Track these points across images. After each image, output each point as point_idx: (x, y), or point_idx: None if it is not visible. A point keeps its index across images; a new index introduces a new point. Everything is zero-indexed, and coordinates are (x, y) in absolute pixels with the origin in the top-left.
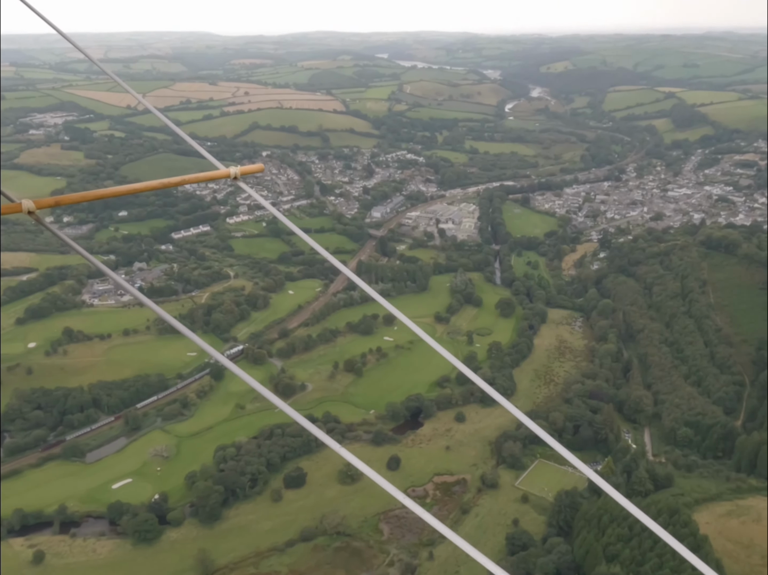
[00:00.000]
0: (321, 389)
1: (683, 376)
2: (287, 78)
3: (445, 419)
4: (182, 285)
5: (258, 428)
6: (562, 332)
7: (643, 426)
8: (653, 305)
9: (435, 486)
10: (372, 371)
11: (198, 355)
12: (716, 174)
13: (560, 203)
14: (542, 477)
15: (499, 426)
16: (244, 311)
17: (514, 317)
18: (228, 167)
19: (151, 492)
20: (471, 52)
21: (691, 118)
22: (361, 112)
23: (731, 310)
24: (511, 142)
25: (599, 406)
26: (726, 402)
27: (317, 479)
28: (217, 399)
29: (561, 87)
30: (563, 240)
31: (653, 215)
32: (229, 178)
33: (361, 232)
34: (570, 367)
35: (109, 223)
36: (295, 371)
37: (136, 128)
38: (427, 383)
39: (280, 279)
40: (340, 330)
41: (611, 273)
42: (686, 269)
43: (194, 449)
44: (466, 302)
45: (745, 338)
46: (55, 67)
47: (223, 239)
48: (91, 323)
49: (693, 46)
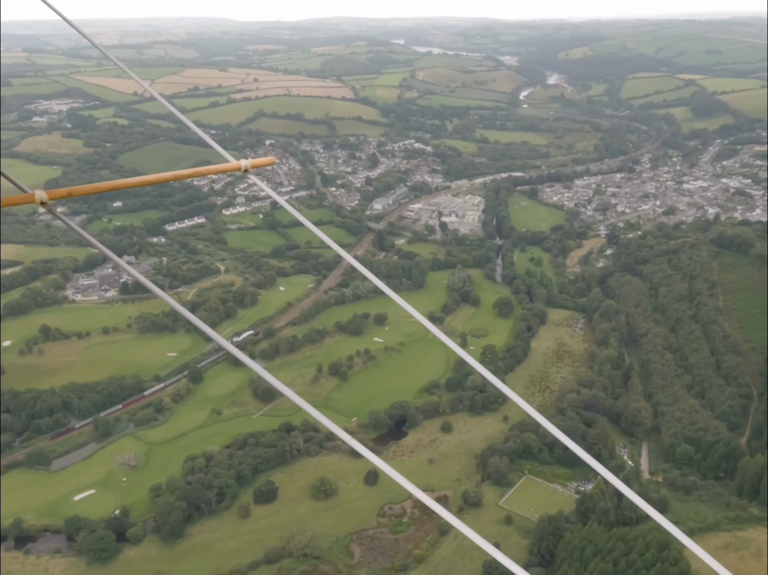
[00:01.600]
0: (303, 393)
1: (686, 386)
2: (299, 64)
3: (430, 429)
4: (169, 280)
5: (232, 437)
6: (562, 335)
7: (641, 440)
8: (659, 308)
9: (414, 504)
10: (358, 375)
11: (178, 355)
12: (734, 166)
13: (569, 195)
14: (529, 495)
15: (487, 437)
16: (230, 309)
17: (512, 318)
18: (239, 160)
19: (114, 504)
20: (488, 37)
21: (710, 107)
22: (370, 99)
23: (741, 315)
24: (523, 131)
25: (594, 418)
26: (730, 417)
27: (289, 493)
28: (194, 404)
29: (579, 74)
30: (569, 235)
31: (665, 209)
32: (240, 170)
33: (359, 225)
34: (567, 373)
35: (103, 214)
36: (277, 374)
37: (141, 116)
38: (416, 388)
39: (272, 275)
40: (328, 330)
41: (617, 272)
42: (695, 269)
43: (164, 457)
44: (463, 300)
45: (755, 346)
46: (67, 53)
47: (217, 231)
48: (70, 321)
49: (717, 32)
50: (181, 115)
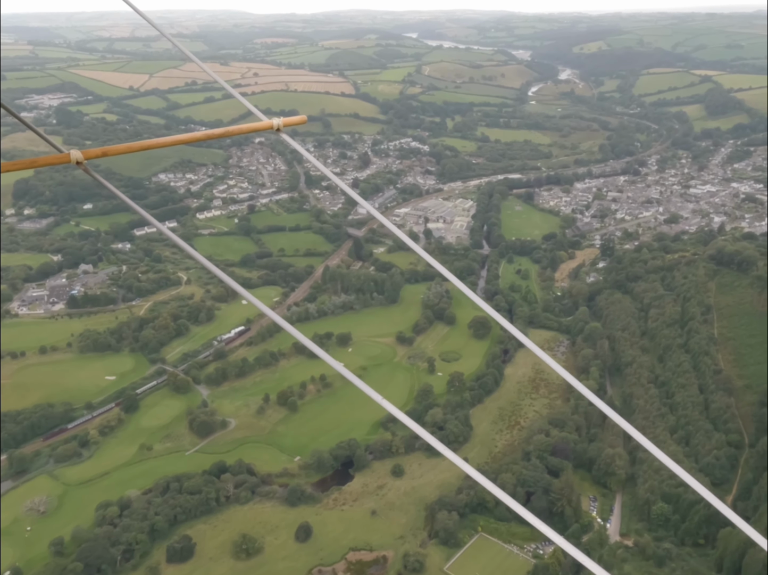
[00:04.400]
0: (246, 426)
1: (670, 428)
2: (305, 58)
3: (380, 472)
4: (123, 293)
5: (155, 479)
6: (540, 360)
7: (614, 493)
8: (648, 333)
9: (347, 566)
10: (310, 406)
11: (117, 379)
12: (746, 169)
13: (567, 200)
14: (480, 558)
15: (442, 483)
16: (182, 327)
17: (489, 339)
18: (271, 119)
19: (11, 559)
20: (503, 31)
21: (725, 105)
22: (370, 95)
23: (736, 345)
24: (527, 129)
25: (562, 466)
26: (716, 470)
27: (208, 550)
28: (124, 437)
29: (592, 69)
30: (562, 245)
31: (668, 217)
32: (272, 129)
33: (338, 231)
34: (542, 406)
35: (72, 217)
36: (220, 403)
37: (133, 111)
38: (371, 421)
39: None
40: (284, 352)
41: (607, 289)
42: (690, 289)
43: (79, 502)
44: (437, 318)
45: (749, 384)
46: (74, 46)
47: (187, 237)
48: (8, 338)
49: (739, 25)
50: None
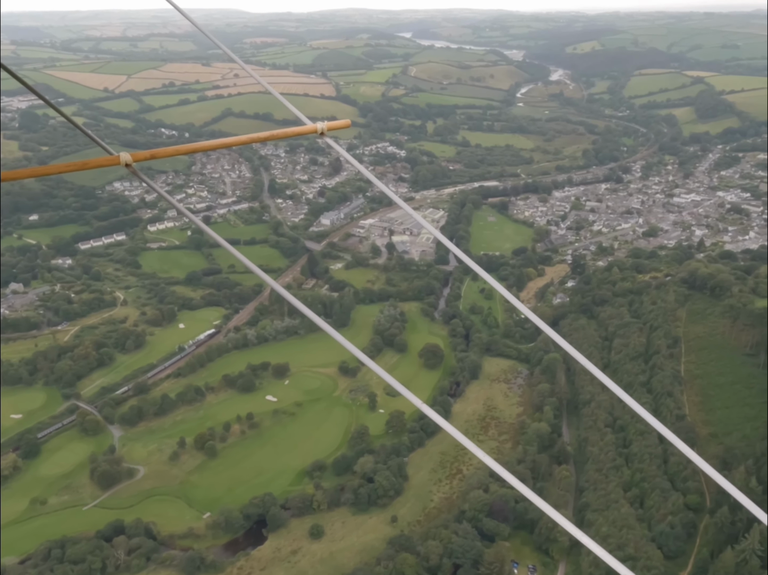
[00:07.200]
0: (155, 475)
1: (624, 484)
2: (291, 58)
3: (297, 533)
4: (50, 316)
5: (41, 542)
6: (495, 394)
7: (556, 561)
8: (610, 366)
9: None
10: (231, 450)
11: (23, 417)
12: (733, 177)
13: (544, 209)
14: None
15: (364, 548)
16: (105, 356)
17: (441, 370)
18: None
19: None
20: (498, 30)
21: (716, 107)
22: (350, 97)
23: (704, 385)
24: (510, 132)
25: (499, 529)
26: (670, 541)
27: None
28: (17, 488)
29: (585, 69)
30: (531, 261)
31: (647, 230)
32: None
33: (295, 245)
34: (489, 449)
35: (15, 229)
36: (132, 448)
37: (102, 114)
38: (296, 470)
39: (171, 310)
40: (212, 386)
41: (572, 312)
42: (657, 317)
43: None
44: (387, 345)
45: (715, 433)
46: (58, 46)
47: (133, 251)
48: None
49: (736, 25)
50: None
